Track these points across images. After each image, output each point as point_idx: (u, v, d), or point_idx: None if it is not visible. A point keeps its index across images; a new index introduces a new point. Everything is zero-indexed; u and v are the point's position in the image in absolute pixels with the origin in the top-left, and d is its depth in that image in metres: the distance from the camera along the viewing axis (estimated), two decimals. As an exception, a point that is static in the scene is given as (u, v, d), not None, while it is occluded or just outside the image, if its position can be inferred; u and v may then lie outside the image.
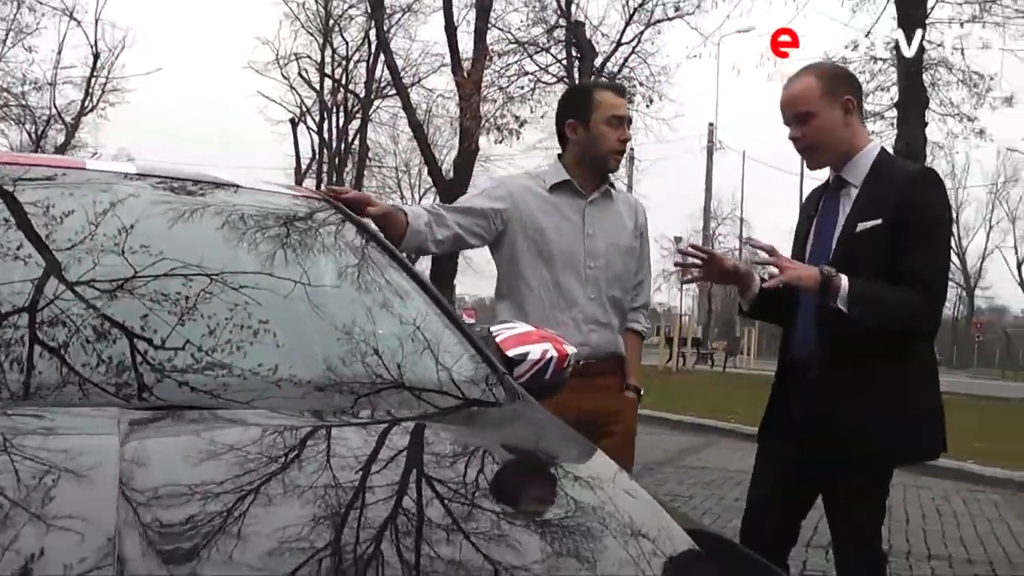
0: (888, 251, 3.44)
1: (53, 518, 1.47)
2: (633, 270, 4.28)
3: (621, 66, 31.04)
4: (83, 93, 39.42)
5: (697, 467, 10.76)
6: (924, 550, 7.19)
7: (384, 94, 44.72)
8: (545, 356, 2.82)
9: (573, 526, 1.81)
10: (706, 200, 50.27)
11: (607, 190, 4.23)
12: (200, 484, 1.67)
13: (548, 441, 2.46)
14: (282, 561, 1.44)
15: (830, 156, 3.69)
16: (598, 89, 4.31)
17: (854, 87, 3.74)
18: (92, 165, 3.06)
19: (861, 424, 3.46)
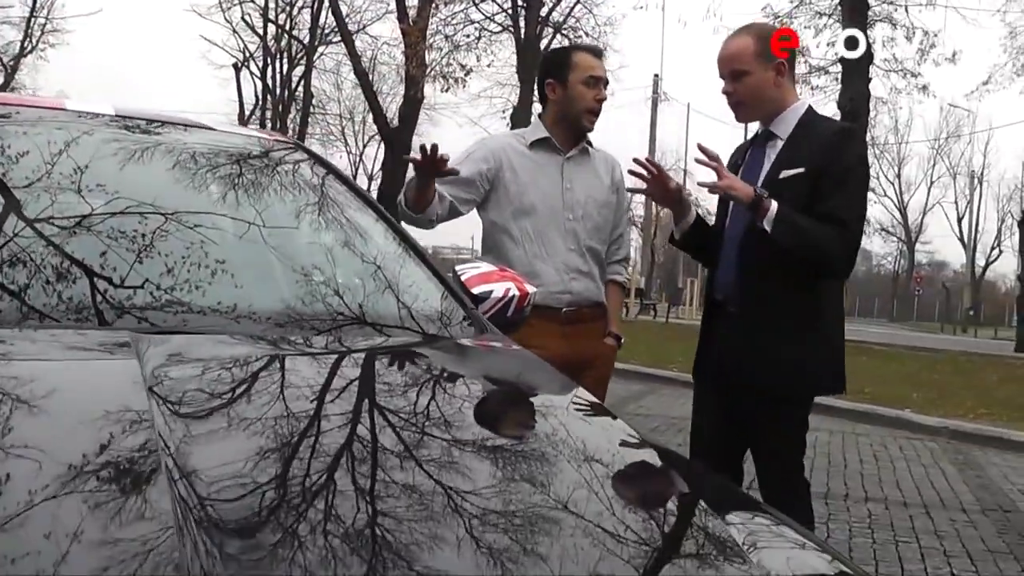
0: (808, 197, 3.62)
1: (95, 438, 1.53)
2: (611, 222, 4.43)
3: (567, 16, 31.08)
4: (22, 34, 38.79)
5: (640, 414, 10.89)
6: (861, 493, 7.38)
7: (328, 41, 44.37)
8: (507, 294, 2.94)
9: (539, 451, 1.88)
10: (650, 151, 50.25)
11: (584, 147, 4.38)
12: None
13: (520, 370, 2.57)
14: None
15: (758, 112, 3.87)
16: (576, 51, 4.43)
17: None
18: (71, 106, 3.07)
19: (779, 357, 3.68)
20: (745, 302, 3.75)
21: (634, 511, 1.70)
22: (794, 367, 3.68)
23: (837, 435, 9.97)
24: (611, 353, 4.43)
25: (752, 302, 3.73)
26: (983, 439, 10.33)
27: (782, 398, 3.74)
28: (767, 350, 3.68)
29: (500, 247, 4.21)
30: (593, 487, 1.71)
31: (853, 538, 6.01)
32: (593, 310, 4.31)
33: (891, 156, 71.71)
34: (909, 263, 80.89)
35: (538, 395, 2.46)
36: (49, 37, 40.04)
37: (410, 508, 1.49)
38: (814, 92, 25.48)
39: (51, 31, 39.88)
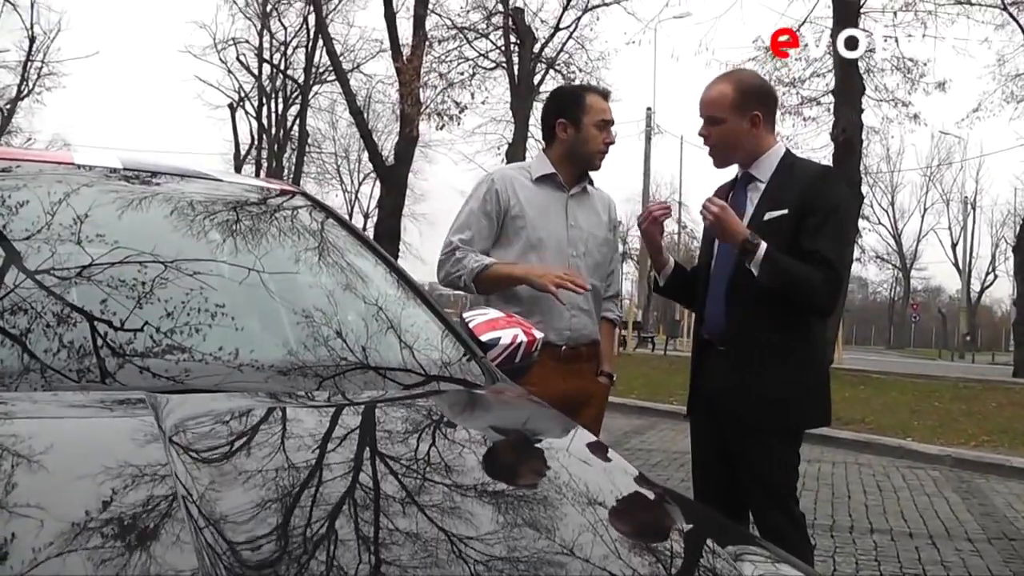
0: (792, 237, 3.71)
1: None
2: (608, 260, 4.50)
3: (559, 51, 31.20)
4: (18, 78, 38.92)
5: (642, 448, 10.87)
6: (866, 524, 7.36)
7: (323, 80, 44.61)
8: (515, 340, 2.97)
9: (558, 498, 1.91)
10: (644, 184, 50.34)
11: (585, 186, 4.44)
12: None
13: (532, 418, 2.61)
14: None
15: (732, 158, 3.99)
16: (588, 93, 4.49)
17: (765, 102, 3.97)
18: (80, 160, 3.09)
19: (764, 392, 3.76)
20: (733, 339, 3.83)
21: (639, 554, 1.74)
22: (781, 402, 3.76)
23: (840, 466, 9.95)
24: (605, 392, 4.49)
25: (740, 339, 3.81)
26: (985, 466, 10.29)
27: (770, 431, 3.80)
28: (755, 386, 3.76)
29: None
30: (598, 531, 1.75)
31: (860, 571, 6.00)
32: (590, 349, 4.36)
33: (884, 184, 71.81)
34: (905, 290, 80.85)
35: (552, 445, 2.47)
36: (46, 80, 40.22)
37: (431, 557, 1.53)
38: (807, 123, 25.66)
39: (47, 74, 40.04)
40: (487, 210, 4.25)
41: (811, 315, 3.84)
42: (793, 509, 3.90)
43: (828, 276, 3.69)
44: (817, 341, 3.95)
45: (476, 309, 3.27)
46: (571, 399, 4.07)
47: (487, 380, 2.67)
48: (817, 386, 3.90)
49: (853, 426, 12.35)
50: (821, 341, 4.01)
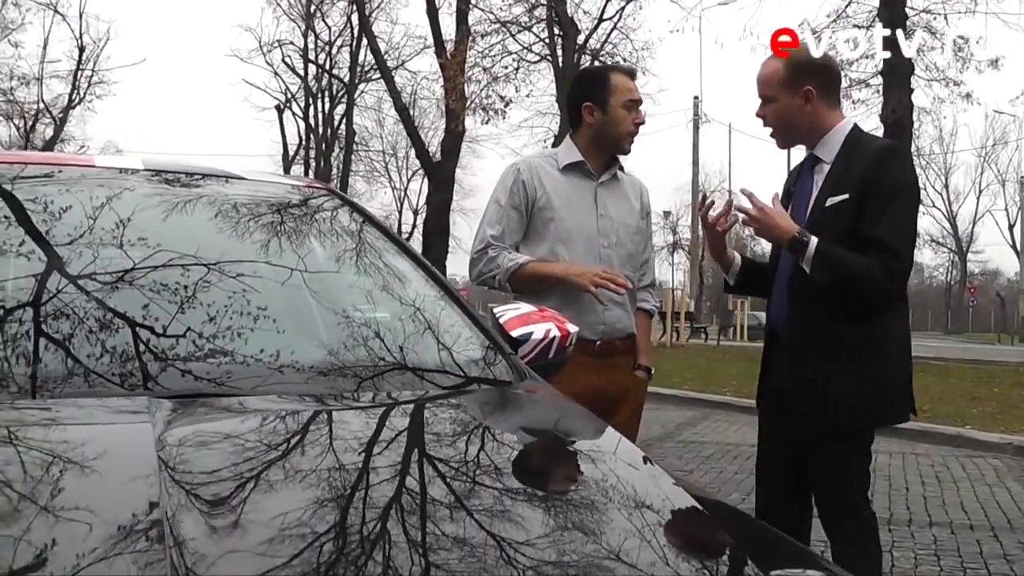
0: (854, 222, 3.55)
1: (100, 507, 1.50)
2: (641, 249, 4.35)
3: (604, 42, 31.09)
4: (70, 87, 39.36)
5: (695, 441, 10.75)
6: (925, 517, 7.19)
7: (368, 78, 44.80)
8: (548, 335, 2.85)
9: (587, 501, 1.83)
10: (694, 174, 50.26)
11: (615, 172, 4.29)
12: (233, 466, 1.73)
13: (561, 418, 2.49)
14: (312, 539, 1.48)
15: (792, 138, 3.86)
16: (614, 72, 4.33)
17: (819, 76, 3.79)
18: (101, 162, 3.07)
19: (828, 389, 3.59)
20: (795, 332, 3.69)
21: (686, 559, 1.66)
22: (850, 399, 3.58)
23: (896, 456, 9.75)
24: (642, 386, 4.35)
25: (802, 332, 3.67)
26: (1049, 454, 10.05)
27: (840, 430, 3.63)
28: (819, 382, 3.60)
29: None
30: (644, 536, 1.68)
31: (919, 567, 5.83)
32: (625, 343, 4.21)
33: (937, 166, 71.11)
34: (961, 274, 79.92)
35: (578, 444, 2.38)
36: (96, 88, 40.65)
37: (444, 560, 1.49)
38: (856, 106, 25.30)
39: (97, 82, 40.44)
40: (515, 203, 4.12)
41: (873, 303, 3.63)
42: (863, 512, 3.73)
43: (889, 265, 3.51)
44: (891, 332, 3.70)
45: (508, 303, 3.16)
46: (607, 394, 3.99)
47: (515, 378, 2.57)
48: (891, 382, 3.68)
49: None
50: (898, 331, 3.75)
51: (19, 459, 1.69)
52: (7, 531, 1.38)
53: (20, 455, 1.71)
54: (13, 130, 39.32)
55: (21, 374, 2.07)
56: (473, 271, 4.17)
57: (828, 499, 3.73)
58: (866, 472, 3.75)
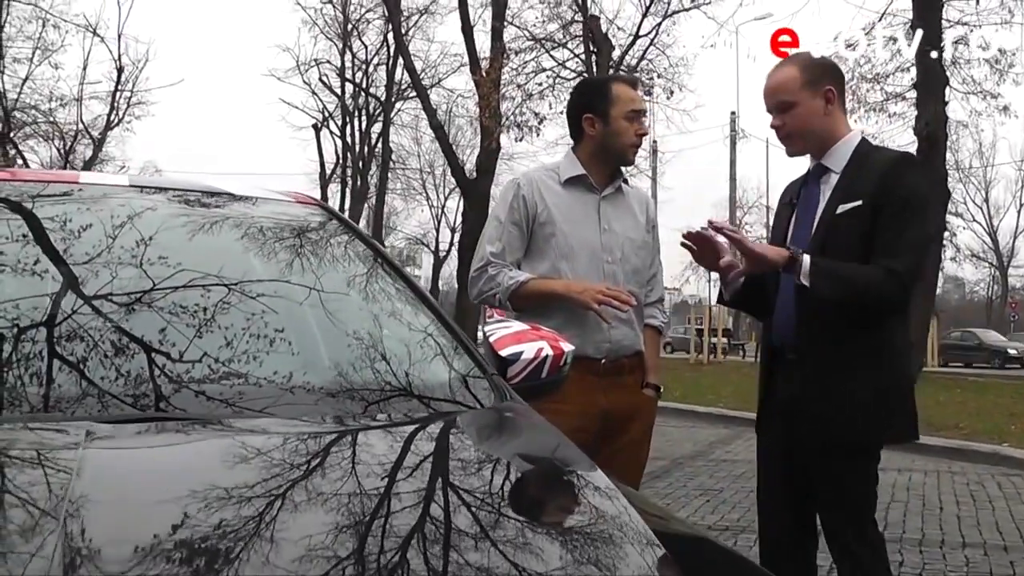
0: (868, 229, 3.48)
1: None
2: (648, 264, 4.24)
3: (640, 59, 31.02)
4: (109, 107, 39.68)
5: (727, 460, 10.66)
6: (958, 538, 7.04)
7: (405, 96, 45.00)
8: (540, 355, 2.74)
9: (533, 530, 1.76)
10: (731, 189, 49.99)
11: (619, 185, 4.18)
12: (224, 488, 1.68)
13: (524, 442, 2.40)
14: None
15: (809, 144, 3.74)
16: (615, 82, 4.23)
17: (836, 78, 3.76)
18: (85, 179, 3.05)
19: (838, 405, 3.51)
20: (804, 346, 3.60)
21: None
22: (860, 414, 3.50)
23: (931, 475, 9.60)
24: (651, 405, 4.20)
25: (811, 347, 3.57)
26: (1088, 473, 9.87)
27: (848, 449, 3.55)
28: (830, 396, 3.52)
29: None
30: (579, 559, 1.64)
31: (949, 588, 5.72)
32: (632, 360, 4.09)
33: (977, 180, 70.47)
34: (1003, 288, 79.11)
35: (542, 470, 2.26)
36: (135, 109, 40.92)
37: None
38: (892, 120, 25.10)
39: (136, 103, 40.74)
40: (515, 219, 4.02)
41: (883, 314, 3.56)
42: (870, 532, 3.63)
43: (894, 276, 3.44)
44: (898, 347, 3.65)
45: (500, 321, 3.08)
46: (614, 415, 3.90)
47: (496, 399, 2.47)
48: (900, 397, 3.62)
49: (946, 432, 11.98)
50: (903, 346, 3.72)
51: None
52: None
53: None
54: (53, 151, 39.68)
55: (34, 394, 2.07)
56: (473, 290, 4.07)
57: (834, 521, 3.63)
58: (873, 493, 3.66)
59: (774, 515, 3.82)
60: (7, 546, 1.41)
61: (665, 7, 30.76)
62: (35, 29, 36.23)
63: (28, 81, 36.55)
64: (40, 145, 39.66)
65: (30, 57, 36.61)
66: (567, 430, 2.48)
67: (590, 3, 29.79)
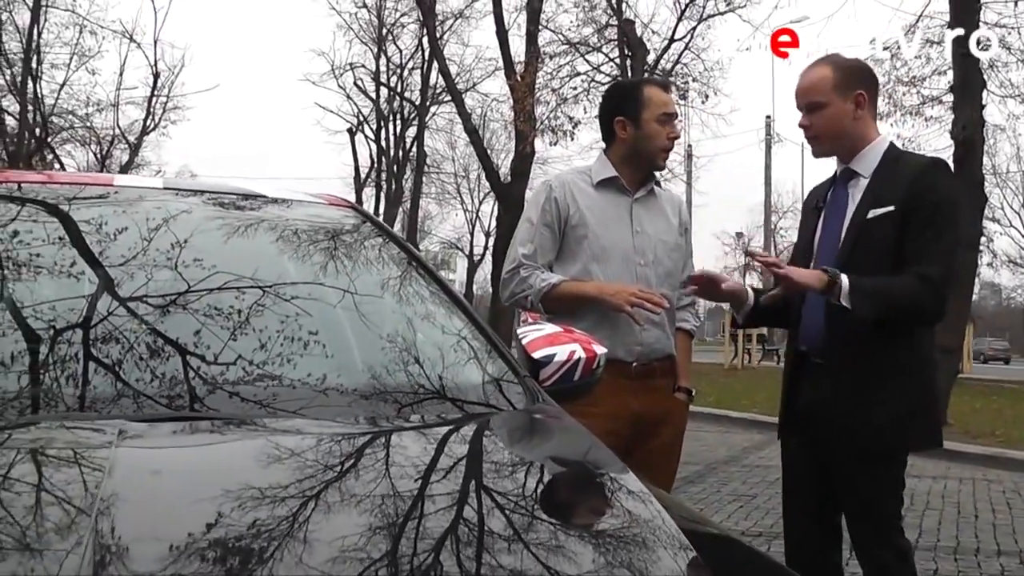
0: (898, 236, 3.49)
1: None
2: (680, 267, 4.23)
3: (675, 63, 30.98)
4: (145, 112, 39.92)
5: (761, 465, 10.63)
6: (993, 546, 7.01)
7: (439, 100, 45.06)
8: (572, 357, 2.75)
9: (565, 533, 1.79)
10: (766, 194, 49.94)
11: (651, 188, 4.19)
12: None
13: (557, 444, 2.42)
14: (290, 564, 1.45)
15: (835, 146, 3.75)
16: (647, 85, 4.24)
17: (868, 82, 3.76)
18: (119, 181, 3.09)
19: (865, 412, 3.51)
20: (833, 351, 3.59)
21: None
22: (888, 421, 3.50)
23: (967, 483, 9.54)
24: (683, 409, 4.22)
25: (841, 352, 3.57)
26: (1125, 480, 9.79)
27: (876, 454, 3.54)
28: (858, 402, 3.51)
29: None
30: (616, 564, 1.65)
31: (984, 597, 5.68)
32: (663, 364, 4.10)
33: (1015, 185, 69.89)
34: (1042, 294, 78.62)
35: (574, 473, 2.27)
36: (170, 114, 41.11)
37: None
38: (928, 123, 24.92)
39: (172, 108, 40.96)
40: (547, 221, 4.04)
41: (918, 325, 3.58)
42: (898, 540, 3.62)
43: (929, 284, 3.44)
44: (924, 355, 3.65)
45: (533, 324, 3.09)
46: (645, 418, 3.91)
47: (528, 401, 2.49)
48: (927, 405, 3.62)
49: (982, 439, 11.90)
50: (930, 354, 3.71)
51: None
52: None
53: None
54: (90, 155, 39.99)
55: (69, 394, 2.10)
56: (505, 291, 4.09)
57: (861, 527, 3.63)
58: (900, 499, 3.66)
59: (799, 518, 3.83)
60: (40, 543, 1.44)
61: (700, 11, 30.75)
62: (72, 35, 36.53)
63: (65, 87, 36.78)
64: (77, 150, 39.99)
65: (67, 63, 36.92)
66: (598, 433, 2.49)
67: (625, 7, 29.78)
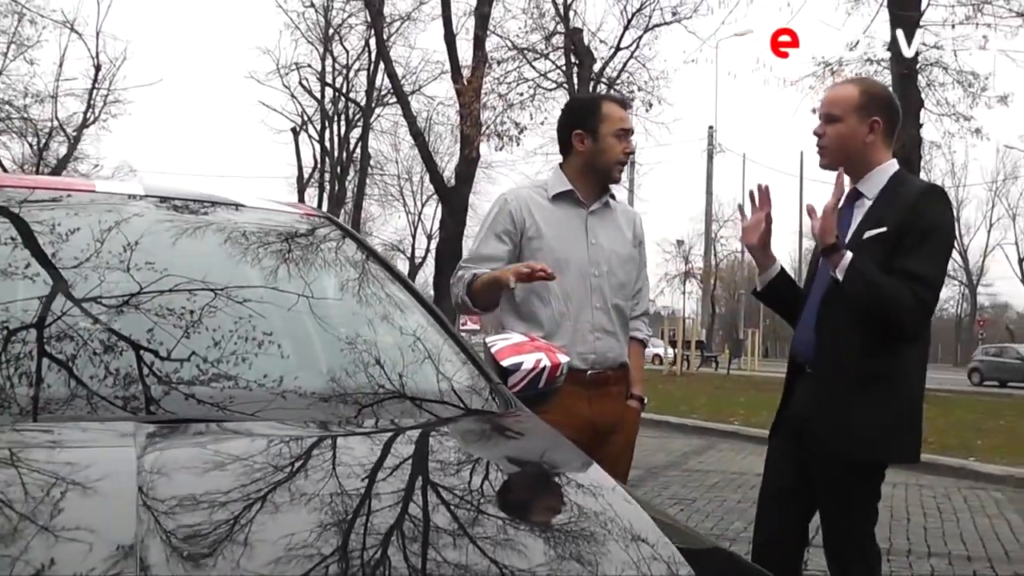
0: (889, 256, 3.60)
1: (75, 529, 1.56)
2: (634, 278, 4.35)
3: (620, 71, 31.18)
4: (85, 105, 39.42)
5: (700, 470, 10.79)
6: (924, 548, 7.25)
7: (385, 102, 44.86)
8: (538, 365, 2.89)
9: (557, 532, 1.89)
10: (707, 203, 50.23)
11: (607, 201, 4.30)
12: (215, 493, 1.76)
13: (544, 449, 2.52)
14: (295, 566, 1.53)
15: (839, 162, 3.84)
16: (605, 101, 4.38)
17: (888, 112, 3.85)
18: (101, 187, 3.13)
19: (848, 423, 3.62)
20: (822, 363, 3.74)
21: None
22: (870, 433, 3.62)
23: (900, 487, 9.79)
24: (635, 416, 4.34)
25: (828, 363, 3.71)
26: (1051, 487, 10.07)
27: (856, 465, 3.69)
28: (843, 414, 3.63)
29: (526, 304, 4.11)
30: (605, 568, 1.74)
31: (914, 596, 5.90)
32: (617, 372, 4.20)
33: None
34: (972, 307, 79.81)
35: (559, 475, 2.40)
36: (111, 108, 40.61)
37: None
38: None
39: (113, 102, 40.47)
40: (497, 231, 4.13)
41: (899, 335, 3.66)
42: (870, 548, 3.78)
43: (918, 295, 3.57)
44: (910, 370, 3.77)
45: (500, 333, 3.22)
46: (598, 425, 4.01)
47: (502, 407, 2.62)
48: (909, 419, 3.74)
49: (915, 446, 12.17)
50: (917, 370, 3.83)
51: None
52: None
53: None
54: (26, 147, 39.45)
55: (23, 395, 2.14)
56: (452, 298, 4.15)
57: (837, 534, 3.77)
58: (876, 509, 3.79)
59: (772, 523, 3.94)
60: None
61: (646, 20, 31.02)
62: (11, 24, 36.08)
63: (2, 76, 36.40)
64: (13, 142, 39.41)
65: (4, 52, 36.46)
66: None
67: (572, 15, 29.95)
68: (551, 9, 30.09)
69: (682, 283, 66.55)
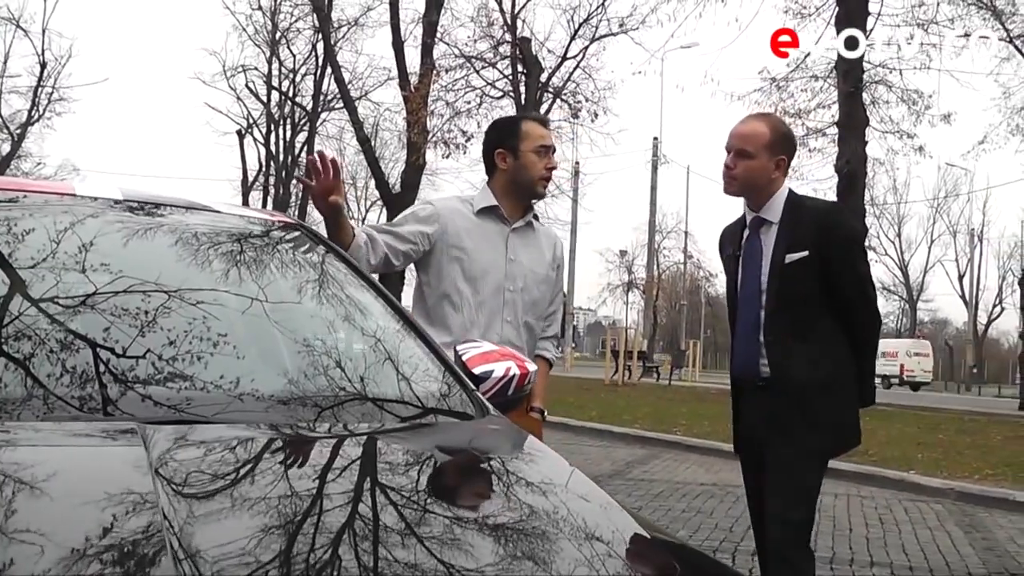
0: (818, 278, 3.89)
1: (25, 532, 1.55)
2: (548, 299, 4.45)
3: (566, 81, 31.36)
4: (29, 103, 39.03)
5: (644, 479, 10.85)
6: (867, 557, 7.36)
7: (331, 107, 44.75)
8: (508, 373, 2.95)
9: (541, 532, 1.93)
10: (651, 213, 50.62)
11: (530, 220, 4.41)
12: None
13: (522, 452, 2.57)
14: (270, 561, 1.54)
15: (745, 192, 4.10)
16: (525, 121, 4.50)
17: (791, 150, 4.18)
18: (81, 191, 3.10)
19: (811, 420, 3.88)
20: (772, 371, 3.95)
21: None
22: (832, 423, 3.94)
23: (842, 498, 9.91)
24: (537, 428, 4.35)
25: (781, 367, 3.93)
26: (989, 500, 10.25)
27: (817, 453, 3.96)
28: (803, 409, 3.88)
29: (438, 309, 4.21)
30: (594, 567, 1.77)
31: (858, 605, 5.97)
32: None
33: (891, 216, 72.12)
34: (911, 322, 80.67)
35: (540, 477, 2.41)
36: (56, 106, 40.29)
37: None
38: (812, 155, 25.65)
39: (57, 100, 40.12)
40: (418, 218, 4.25)
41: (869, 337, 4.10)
42: (806, 548, 3.99)
43: (868, 305, 4.04)
44: (849, 371, 4.05)
45: (470, 342, 3.27)
46: None
47: (477, 412, 2.67)
48: (852, 415, 4.08)
49: (856, 458, 12.25)
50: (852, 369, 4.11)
51: None
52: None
53: None
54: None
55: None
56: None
57: (778, 526, 3.91)
58: (814, 508, 4.03)
59: (760, 518, 4.14)
60: None
61: (593, 31, 31.21)
62: (-46, 19, 35.65)
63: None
64: (-46, 138, 38.95)
65: (-54, 47, 35.99)
66: None
67: (520, 24, 30.09)
68: (499, 18, 30.23)
69: (625, 293, 66.97)
